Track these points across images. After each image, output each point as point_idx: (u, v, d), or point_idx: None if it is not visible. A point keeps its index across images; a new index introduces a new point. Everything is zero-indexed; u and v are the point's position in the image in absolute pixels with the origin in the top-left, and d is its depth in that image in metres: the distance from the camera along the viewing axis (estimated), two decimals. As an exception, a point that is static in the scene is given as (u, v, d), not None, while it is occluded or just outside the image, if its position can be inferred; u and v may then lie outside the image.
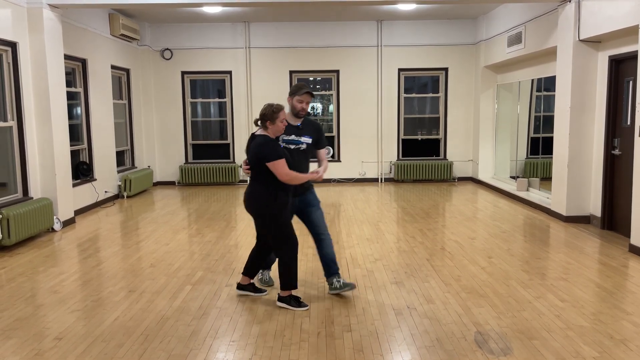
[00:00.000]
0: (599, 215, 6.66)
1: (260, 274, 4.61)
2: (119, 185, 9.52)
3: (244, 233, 6.63)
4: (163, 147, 11.18)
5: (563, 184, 7.00)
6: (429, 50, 10.95)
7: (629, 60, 6.03)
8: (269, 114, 3.92)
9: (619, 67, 6.29)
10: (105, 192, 9.02)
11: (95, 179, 8.66)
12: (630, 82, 6.01)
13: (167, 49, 10.86)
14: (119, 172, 9.67)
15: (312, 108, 11.69)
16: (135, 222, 7.47)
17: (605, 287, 4.42)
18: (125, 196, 9.52)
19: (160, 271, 5.07)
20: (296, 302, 4.07)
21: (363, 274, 4.87)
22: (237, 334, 3.60)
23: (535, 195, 8.50)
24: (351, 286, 4.25)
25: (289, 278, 4.04)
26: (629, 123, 6.05)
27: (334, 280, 4.29)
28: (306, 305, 4.06)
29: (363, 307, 4.05)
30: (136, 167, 10.53)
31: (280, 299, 4.10)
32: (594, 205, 6.82)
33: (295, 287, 4.09)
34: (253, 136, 4.06)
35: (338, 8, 9.50)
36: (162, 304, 4.18)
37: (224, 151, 11.32)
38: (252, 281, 4.38)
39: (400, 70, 11.03)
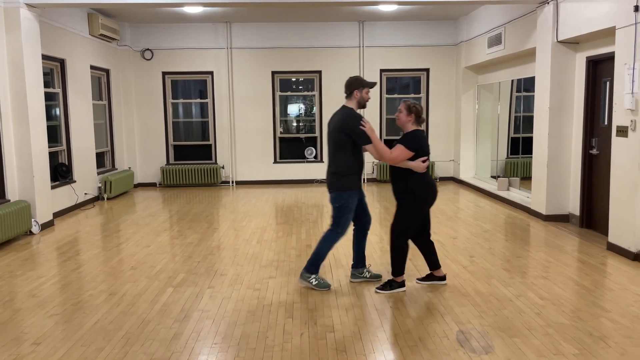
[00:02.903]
0: (577, 214, 6.76)
1: (365, 271, 4.68)
2: (99, 187, 9.40)
3: (226, 234, 6.59)
4: (144, 148, 11.07)
5: (543, 183, 7.09)
6: (411, 51, 11.01)
7: (606, 61, 6.13)
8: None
9: (597, 68, 6.40)
10: (85, 194, 8.89)
11: (75, 181, 8.53)
12: (608, 83, 6.12)
13: (148, 49, 10.76)
14: (99, 173, 9.54)
15: (299, 109, 11.69)
16: (115, 224, 7.38)
17: (584, 285, 4.48)
18: (105, 198, 9.40)
19: (142, 273, 5.01)
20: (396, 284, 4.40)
21: (346, 275, 4.88)
22: (219, 336, 3.58)
23: (516, 194, 8.60)
24: (378, 276, 4.69)
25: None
26: (606, 123, 6.15)
27: (365, 270, 4.67)
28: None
29: (346, 308, 4.06)
30: (117, 169, 10.40)
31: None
32: (572, 204, 6.92)
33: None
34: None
35: (320, 9, 9.51)
36: (143, 307, 4.13)
37: (206, 152, 11.24)
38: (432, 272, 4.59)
39: (382, 70, 11.07)
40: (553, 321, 3.73)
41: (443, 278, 4.59)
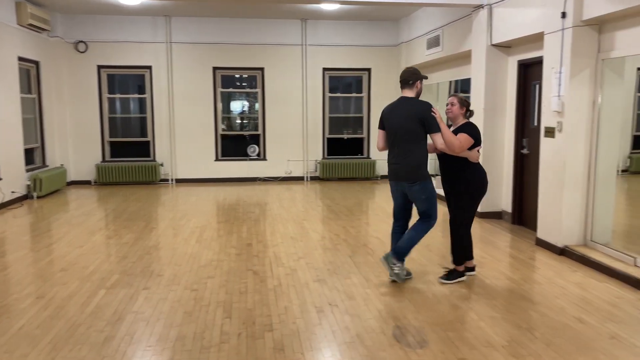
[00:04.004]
0: (509, 211, 7.05)
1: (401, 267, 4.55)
2: (28, 185, 8.92)
3: (164, 234, 6.42)
4: (78, 145, 10.61)
5: (478, 181, 7.33)
6: (353, 50, 11.11)
7: (535, 65, 6.42)
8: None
9: (527, 71, 6.68)
10: (12, 192, 8.41)
11: (1, 179, 8.06)
12: (537, 86, 6.40)
13: (82, 41, 10.31)
14: (27, 171, 9.06)
15: (242, 106, 11.54)
16: (46, 223, 7.03)
17: (514, 279, 4.67)
18: (35, 196, 8.94)
19: (73, 275, 4.80)
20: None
21: (286, 273, 4.86)
22: (153, 338, 3.48)
23: (453, 192, 8.85)
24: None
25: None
26: (536, 124, 6.44)
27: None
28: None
29: (285, 306, 4.04)
30: (48, 166, 9.91)
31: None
32: (505, 202, 7.20)
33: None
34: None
35: (261, 5, 9.43)
36: (73, 310, 3.95)
37: (144, 149, 10.91)
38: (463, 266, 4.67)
39: (324, 69, 11.12)
40: (485, 315, 3.86)
41: (472, 269, 4.84)
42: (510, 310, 3.95)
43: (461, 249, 4.62)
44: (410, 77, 4.36)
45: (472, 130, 4.44)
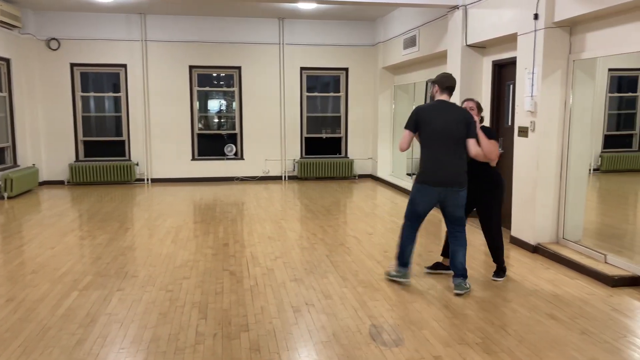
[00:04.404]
0: (485, 209, 7.13)
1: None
2: (-1, 185, 8.73)
3: (139, 234, 6.34)
4: (50, 144, 10.40)
5: (453, 180, 7.41)
6: (330, 50, 11.13)
7: (510, 65, 6.51)
8: None
9: (502, 72, 6.78)
10: (-18, 192, 8.23)
11: (-30, 179, 7.87)
12: (511, 86, 6.50)
13: (54, 38, 10.11)
14: (-2, 170, 8.86)
15: (219, 105, 11.45)
16: (17, 224, 6.88)
17: (488, 277, 4.73)
18: (5, 197, 8.74)
19: (44, 277, 4.70)
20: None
21: (263, 273, 4.85)
22: (127, 340, 3.43)
23: (429, 191, 8.92)
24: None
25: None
26: (510, 123, 6.53)
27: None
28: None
29: (262, 306, 4.03)
30: (19, 166, 9.69)
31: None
32: (480, 200, 7.28)
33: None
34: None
35: (238, 4, 9.37)
36: (44, 313, 3.88)
37: (119, 148, 10.76)
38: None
39: (302, 69, 11.11)
40: (459, 312, 3.90)
41: (449, 267, 4.80)
42: (484, 307, 4.00)
43: (498, 249, 4.69)
44: (453, 85, 4.35)
45: (494, 135, 4.53)
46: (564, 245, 5.44)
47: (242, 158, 11.11)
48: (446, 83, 4.30)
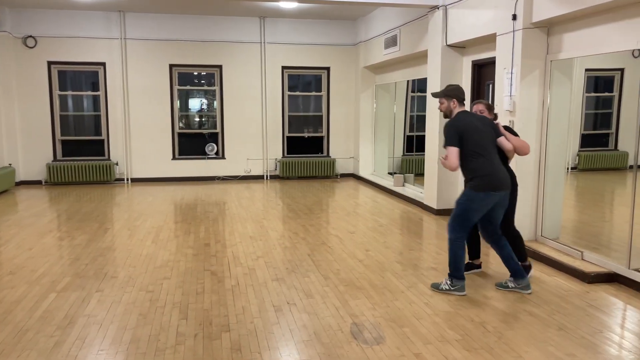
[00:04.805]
0: (465, 208, 7.20)
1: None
2: (-26, 186, 8.56)
3: (119, 235, 6.27)
4: (27, 144, 10.23)
5: (434, 179, 7.48)
6: (312, 49, 11.13)
7: (489, 65, 6.59)
8: None
9: (481, 71, 6.85)
10: (-43, 193, 8.06)
11: (-56, 179, 7.70)
12: (490, 86, 6.57)
13: (31, 36, 9.94)
14: (-27, 170, 8.68)
15: (201, 103, 11.37)
16: (-8, 226, 6.76)
17: (468, 274, 4.78)
18: (-19, 197, 8.58)
19: (21, 279, 4.62)
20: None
21: (244, 272, 4.83)
22: (106, 342, 3.39)
23: (410, 190, 9.00)
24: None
25: None
26: (489, 123, 6.60)
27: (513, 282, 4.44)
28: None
29: (243, 306, 4.01)
30: (-5, 165, 9.53)
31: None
32: (461, 199, 7.35)
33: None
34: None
35: (219, 2, 9.31)
36: (21, 315, 3.81)
37: (99, 148, 10.62)
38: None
39: (284, 68, 11.09)
40: (440, 310, 3.94)
41: (479, 266, 4.90)
42: (463, 304, 4.04)
43: (522, 246, 4.68)
44: (464, 94, 4.43)
45: (514, 132, 4.62)
46: (542, 243, 5.53)
47: (223, 157, 11.05)
48: (462, 95, 4.36)
